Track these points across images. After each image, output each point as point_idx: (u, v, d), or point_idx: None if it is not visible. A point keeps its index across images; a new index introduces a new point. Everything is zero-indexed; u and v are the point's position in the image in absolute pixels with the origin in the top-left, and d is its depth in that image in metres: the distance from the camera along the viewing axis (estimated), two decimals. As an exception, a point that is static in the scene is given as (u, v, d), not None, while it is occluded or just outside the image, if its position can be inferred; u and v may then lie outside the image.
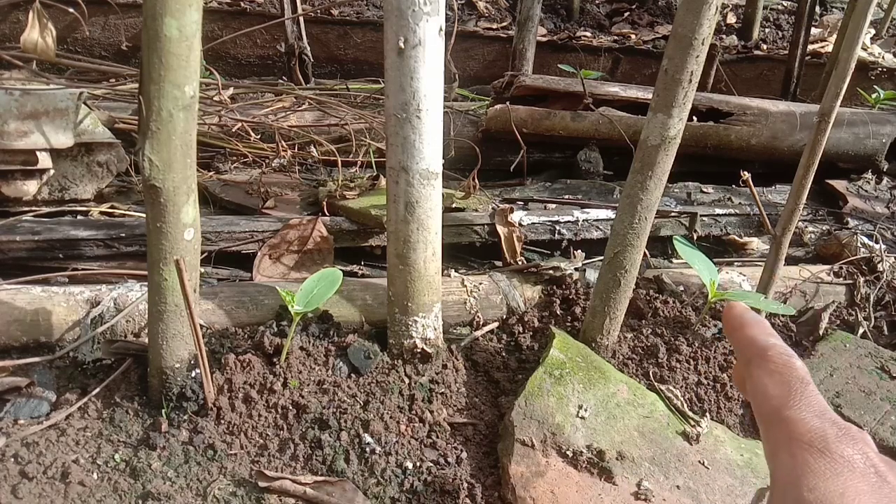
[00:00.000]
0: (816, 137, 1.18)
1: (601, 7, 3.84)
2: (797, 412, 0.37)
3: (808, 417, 0.36)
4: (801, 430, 0.36)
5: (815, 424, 0.36)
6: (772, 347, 0.42)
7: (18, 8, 2.55)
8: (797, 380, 0.39)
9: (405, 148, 1.00)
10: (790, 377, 0.39)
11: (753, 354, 0.42)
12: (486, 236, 1.58)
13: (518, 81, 2.02)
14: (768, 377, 0.40)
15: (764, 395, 0.40)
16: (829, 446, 0.34)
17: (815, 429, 0.36)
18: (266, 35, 2.88)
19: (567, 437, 1.03)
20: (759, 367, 0.41)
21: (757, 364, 0.42)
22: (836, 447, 0.34)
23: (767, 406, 0.39)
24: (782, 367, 0.40)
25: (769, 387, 0.40)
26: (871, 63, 3.13)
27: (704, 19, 0.95)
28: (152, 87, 0.82)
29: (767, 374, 0.40)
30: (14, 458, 0.93)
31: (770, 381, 0.40)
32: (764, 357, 0.41)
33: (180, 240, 0.92)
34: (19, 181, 1.44)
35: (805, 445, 0.35)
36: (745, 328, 0.45)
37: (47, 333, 1.10)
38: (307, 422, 1.03)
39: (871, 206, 1.99)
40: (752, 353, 0.42)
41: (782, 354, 0.41)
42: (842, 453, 0.34)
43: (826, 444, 0.35)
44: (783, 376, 0.40)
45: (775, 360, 0.41)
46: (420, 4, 0.92)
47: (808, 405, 0.37)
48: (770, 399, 0.39)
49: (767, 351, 0.41)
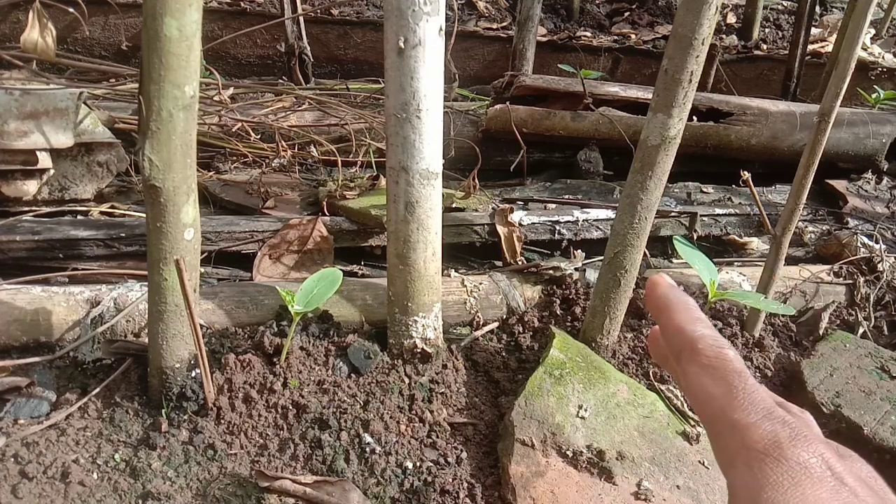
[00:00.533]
0: (816, 137, 1.18)
1: (601, 7, 3.84)
2: (745, 415, 0.35)
3: (757, 421, 0.35)
4: (754, 438, 0.34)
5: (766, 429, 0.34)
6: (701, 339, 0.39)
7: (18, 8, 2.55)
8: (734, 374, 0.37)
9: (405, 148, 1.00)
10: (726, 371, 0.37)
11: (683, 347, 0.40)
12: (486, 236, 1.58)
13: (518, 81, 2.02)
14: (704, 374, 0.38)
15: (704, 395, 0.38)
16: (784, 452, 0.33)
17: (767, 434, 0.34)
18: (266, 35, 2.88)
19: (567, 437, 1.03)
20: (692, 363, 0.39)
21: (688, 359, 0.39)
22: (790, 453, 0.33)
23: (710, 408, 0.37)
24: (715, 360, 0.38)
25: (708, 385, 0.37)
26: (871, 63, 3.13)
27: (704, 19, 0.95)
28: (152, 87, 0.82)
29: (702, 371, 0.38)
30: (14, 458, 0.93)
31: (707, 379, 0.38)
32: (694, 350, 0.39)
33: (180, 240, 0.92)
34: (19, 181, 1.44)
35: (760, 454, 0.34)
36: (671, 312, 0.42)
37: (47, 333, 1.10)
38: (307, 422, 1.03)
39: (871, 206, 1.99)
40: (682, 345, 0.40)
41: (713, 346, 0.39)
42: (797, 459, 0.33)
43: (780, 451, 0.33)
44: (719, 371, 0.37)
45: (707, 353, 0.38)
46: (420, 4, 0.92)
47: (754, 404, 0.36)
48: (712, 400, 0.37)
49: (697, 343, 0.39)
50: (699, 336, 0.40)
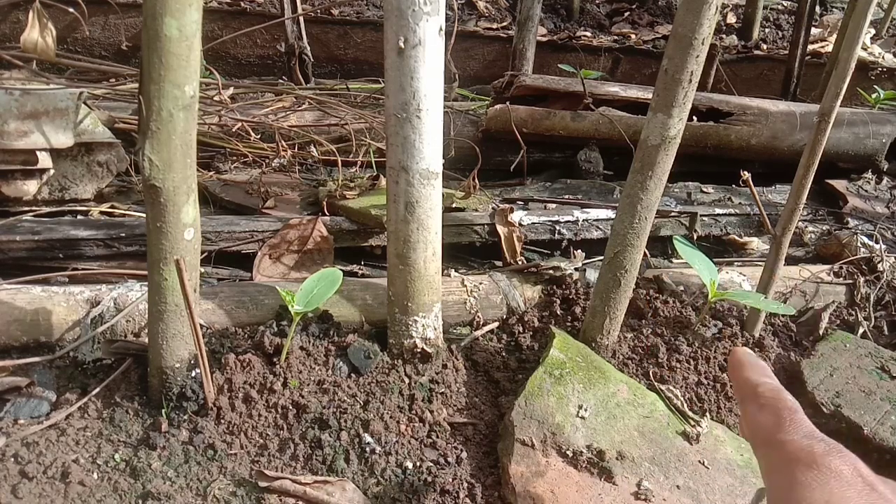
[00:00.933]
0: (816, 137, 1.18)
1: (601, 7, 3.84)
2: (788, 435, 0.40)
3: (797, 438, 0.39)
4: (792, 449, 0.39)
5: (803, 443, 0.39)
6: (762, 384, 0.45)
7: (18, 8, 2.55)
8: (787, 409, 0.42)
9: (405, 148, 1.01)
10: (780, 407, 0.42)
11: (747, 393, 0.46)
12: (486, 236, 1.58)
13: (518, 81, 2.02)
14: (759, 411, 0.43)
15: (757, 426, 0.42)
16: (817, 460, 0.37)
17: (803, 447, 0.38)
18: (266, 35, 2.88)
19: (567, 436, 1.03)
20: (751, 403, 0.44)
21: (749, 400, 0.45)
22: (823, 460, 0.37)
23: (761, 435, 0.42)
24: (772, 399, 0.43)
25: (761, 417, 0.43)
26: (871, 63, 3.13)
27: (704, 19, 0.95)
28: (152, 87, 0.82)
29: (759, 408, 0.43)
30: (14, 458, 0.93)
31: (761, 414, 0.43)
32: (755, 393, 0.45)
33: (180, 239, 0.92)
34: (19, 181, 1.44)
35: (794, 462, 0.38)
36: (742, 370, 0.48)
37: (47, 333, 1.10)
38: (307, 422, 1.03)
39: (871, 205, 1.99)
40: (746, 392, 0.46)
41: (772, 389, 0.44)
42: (829, 465, 0.36)
43: (813, 459, 0.37)
44: (773, 407, 0.42)
45: (766, 394, 0.44)
46: (420, 4, 0.92)
47: (798, 428, 0.40)
48: (763, 428, 0.42)
49: (758, 387, 0.45)
50: (762, 382, 0.46)
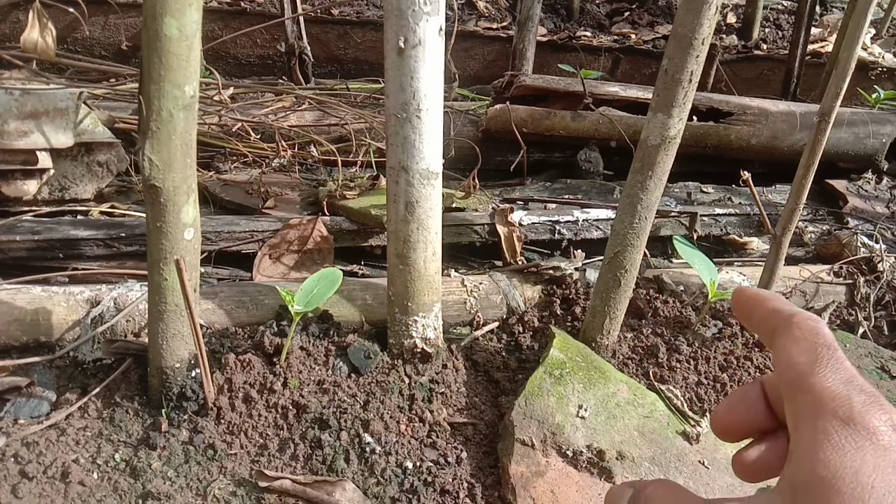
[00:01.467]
0: (816, 137, 1.18)
1: (601, 7, 3.84)
2: (822, 379, 0.34)
3: (833, 385, 0.33)
4: (825, 398, 0.33)
5: (840, 391, 0.33)
6: (797, 314, 0.38)
7: (18, 8, 2.55)
8: (824, 346, 0.36)
9: (405, 148, 1.00)
10: (816, 343, 0.36)
11: (778, 323, 0.39)
12: (486, 236, 1.58)
13: (518, 81, 2.02)
14: (794, 344, 0.37)
15: (788, 363, 0.36)
16: (854, 416, 0.31)
17: (840, 396, 0.32)
18: (266, 35, 2.88)
19: (567, 436, 1.03)
20: (784, 336, 0.38)
21: (782, 332, 0.38)
22: (860, 417, 0.31)
23: (791, 374, 0.36)
24: (808, 332, 0.37)
25: (794, 354, 0.36)
26: (871, 63, 3.13)
27: (704, 19, 0.95)
28: (152, 87, 0.82)
29: (793, 342, 0.37)
30: (14, 458, 0.93)
31: (795, 349, 0.36)
32: (789, 324, 0.38)
33: (180, 239, 0.92)
34: (19, 181, 1.44)
35: (828, 415, 0.32)
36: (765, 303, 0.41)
37: (47, 333, 1.10)
38: (307, 421, 1.03)
39: (871, 205, 1.99)
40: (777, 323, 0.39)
41: (808, 320, 0.38)
42: (866, 424, 0.31)
43: (850, 414, 0.31)
44: (809, 343, 0.36)
45: (801, 325, 0.37)
46: (420, 4, 0.92)
47: (835, 371, 0.34)
48: (794, 366, 0.36)
49: (792, 318, 0.38)
50: (795, 312, 0.39)
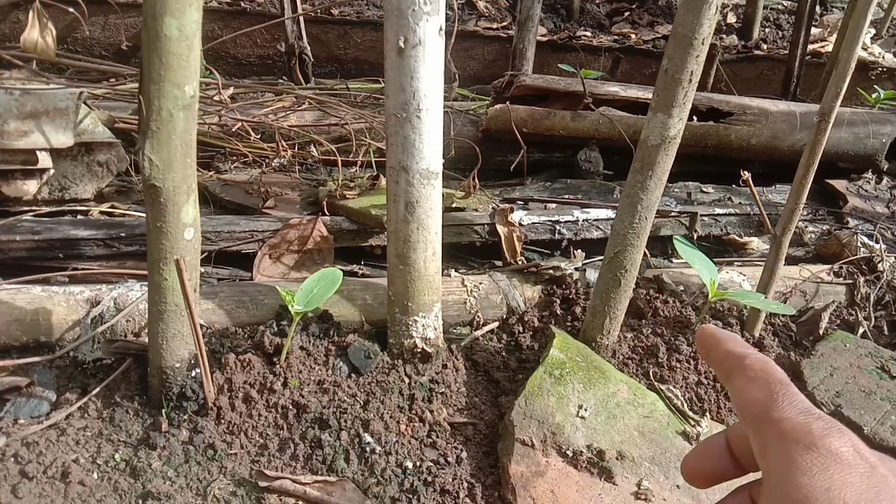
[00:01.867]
0: (816, 137, 1.18)
1: (601, 7, 3.84)
2: (782, 411, 0.37)
3: (792, 415, 0.37)
4: (787, 428, 0.36)
5: (799, 421, 0.36)
6: (748, 356, 0.43)
7: (18, 8, 2.55)
8: (777, 382, 0.40)
9: (405, 147, 1.00)
10: (770, 380, 0.40)
11: (732, 365, 0.43)
12: (486, 236, 1.58)
13: (518, 81, 2.02)
14: (749, 383, 0.41)
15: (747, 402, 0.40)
16: (816, 441, 0.35)
17: (800, 425, 0.36)
18: (266, 35, 2.88)
19: (567, 436, 1.03)
20: (739, 376, 0.42)
21: (737, 373, 0.42)
22: (822, 441, 0.34)
23: (752, 410, 0.40)
24: (761, 371, 0.41)
25: (751, 392, 0.40)
26: (871, 63, 3.13)
27: (704, 19, 0.95)
28: (152, 87, 0.82)
29: (748, 381, 0.41)
30: (14, 458, 0.93)
31: (751, 387, 0.40)
32: (742, 366, 0.42)
33: (180, 239, 0.92)
34: (19, 181, 1.44)
35: (791, 443, 0.35)
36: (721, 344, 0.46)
37: (47, 333, 1.10)
38: (307, 421, 1.03)
39: (871, 205, 1.99)
40: (731, 365, 0.43)
41: (759, 360, 0.42)
42: (828, 447, 0.34)
43: (812, 440, 0.35)
44: (763, 380, 0.40)
45: (753, 366, 0.41)
46: (420, 4, 0.92)
47: (791, 404, 0.38)
48: (754, 404, 0.40)
49: (745, 359, 0.42)
50: (747, 354, 0.43)
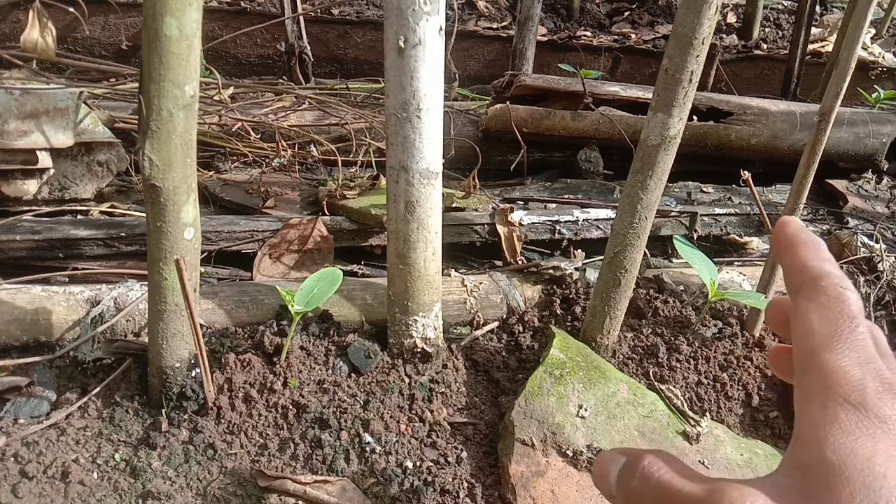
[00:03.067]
0: (816, 137, 1.18)
1: (601, 6, 3.84)
2: (837, 357, 0.32)
3: (848, 365, 0.32)
4: (838, 380, 0.31)
5: (854, 374, 0.31)
6: (826, 276, 0.36)
7: (18, 7, 2.55)
8: (846, 317, 0.34)
9: (405, 147, 1.00)
10: (839, 313, 0.34)
11: (805, 281, 0.36)
12: (487, 236, 1.58)
13: (518, 81, 2.02)
14: (815, 311, 0.34)
15: (805, 332, 0.34)
16: (867, 402, 0.30)
17: (853, 380, 0.31)
18: (266, 34, 2.88)
19: (567, 436, 1.03)
20: (808, 298, 0.35)
21: (805, 294, 0.36)
22: (873, 403, 0.30)
23: (807, 346, 0.34)
24: (833, 300, 0.34)
25: (814, 322, 0.34)
26: (871, 62, 3.13)
27: (705, 19, 0.95)
28: (152, 87, 0.82)
29: (815, 308, 0.35)
30: (14, 458, 0.93)
31: (816, 316, 0.34)
32: (815, 287, 0.36)
33: (180, 239, 0.92)
34: (19, 180, 1.44)
35: (839, 398, 0.31)
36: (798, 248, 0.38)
37: (47, 333, 1.10)
38: (307, 421, 1.03)
39: (871, 205, 1.99)
40: (804, 280, 0.37)
41: (837, 285, 0.35)
42: (879, 411, 0.30)
43: (863, 400, 0.30)
44: (832, 311, 0.34)
45: (828, 291, 0.35)
46: (420, 4, 0.92)
47: (853, 349, 0.32)
48: (812, 336, 0.34)
49: (821, 280, 0.36)
50: (826, 273, 0.36)
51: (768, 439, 1.20)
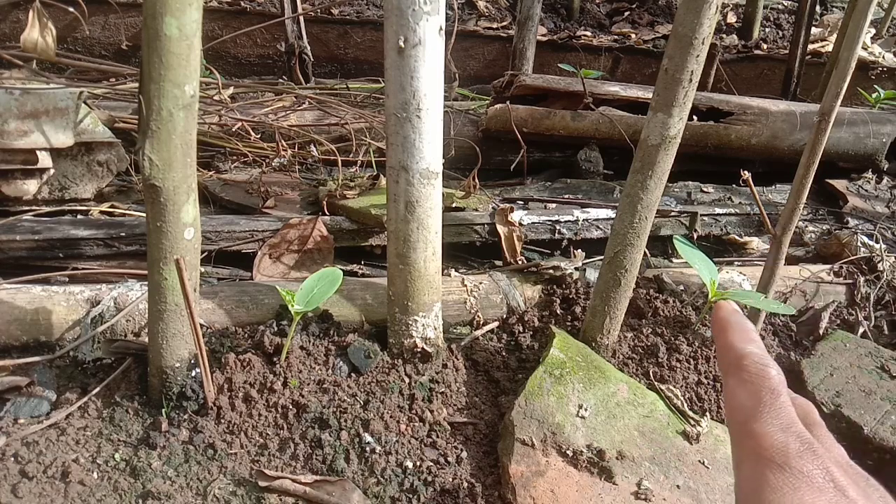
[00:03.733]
0: (817, 137, 1.18)
1: (601, 6, 3.84)
2: (763, 425, 0.37)
3: (772, 431, 0.37)
4: (765, 444, 0.36)
5: (778, 439, 0.36)
6: (748, 356, 0.41)
7: (18, 7, 2.55)
8: (768, 391, 0.39)
9: (405, 147, 1.00)
10: (761, 387, 0.39)
11: (730, 362, 0.42)
12: (487, 236, 1.58)
13: (518, 81, 2.02)
14: (740, 387, 0.40)
15: (735, 407, 0.40)
16: (790, 461, 0.35)
17: (777, 443, 0.36)
18: (266, 34, 2.88)
19: (567, 436, 1.03)
20: (733, 376, 0.41)
21: (731, 372, 0.41)
22: (795, 462, 0.35)
23: (737, 416, 0.39)
24: (755, 376, 0.40)
25: (741, 397, 0.39)
26: (871, 62, 3.13)
27: (705, 19, 0.95)
28: (152, 87, 0.82)
29: (740, 384, 0.40)
30: (14, 458, 0.93)
31: (742, 391, 0.40)
32: (739, 366, 0.41)
33: (180, 239, 0.92)
34: (19, 180, 1.44)
35: (766, 460, 0.35)
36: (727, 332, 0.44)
37: (47, 333, 1.10)
38: (307, 421, 1.03)
39: (871, 205, 1.99)
40: (729, 361, 0.42)
41: (757, 363, 0.40)
42: (801, 468, 0.34)
43: (786, 459, 0.35)
44: (755, 386, 0.39)
45: (750, 369, 0.40)
46: (420, 4, 0.92)
47: (776, 417, 0.37)
48: (741, 410, 0.39)
49: (743, 360, 0.41)
50: (747, 353, 0.42)
51: (768, 439, 1.20)
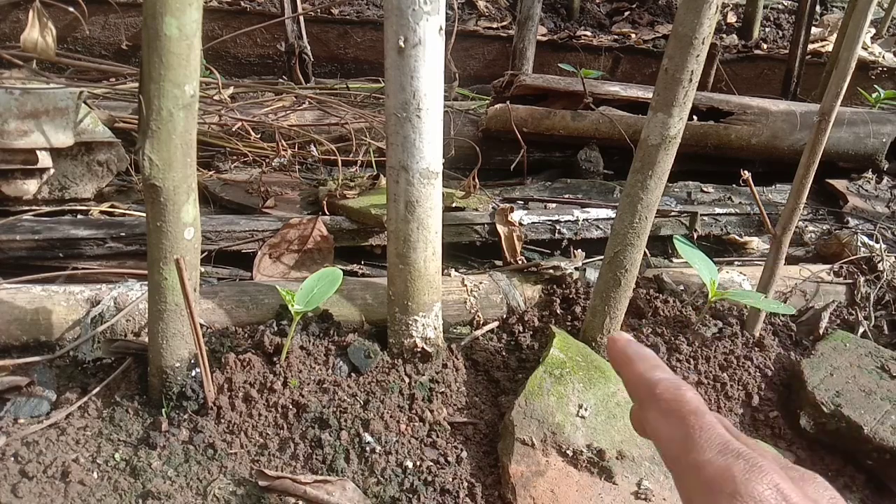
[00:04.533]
0: (817, 137, 1.18)
1: (601, 6, 3.84)
2: (701, 454, 0.36)
3: (711, 458, 0.35)
4: (709, 476, 0.35)
5: (720, 465, 0.35)
6: (659, 383, 0.40)
7: (18, 7, 2.55)
8: (691, 414, 0.38)
9: (405, 147, 1.00)
10: (683, 413, 0.38)
11: (642, 395, 0.41)
12: (487, 236, 1.58)
13: (518, 80, 2.02)
14: (663, 418, 0.39)
15: (664, 441, 0.38)
16: (738, 489, 0.34)
17: (720, 471, 0.35)
18: (266, 34, 2.88)
19: (567, 436, 1.03)
20: (651, 409, 0.40)
21: (648, 405, 0.40)
22: (744, 488, 0.34)
23: (671, 451, 0.38)
24: (674, 402, 0.39)
25: (667, 429, 0.38)
26: (871, 62, 3.13)
27: (705, 18, 0.95)
28: (152, 86, 0.82)
29: (662, 415, 0.39)
30: (14, 458, 0.93)
31: (665, 423, 0.38)
32: (653, 396, 0.40)
33: (180, 239, 0.92)
34: (19, 180, 1.44)
35: (715, 493, 0.34)
36: (630, 365, 0.43)
37: (47, 332, 1.10)
38: (307, 421, 1.03)
39: (871, 205, 1.99)
40: (641, 394, 0.41)
41: (670, 388, 0.39)
42: (751, 493, 0.33)
43: (735, 487, 0.34)
44: (676, 413, 0.38)
45: (665, 396, 0.39)
46: (420, 3, 0.92)
47: (709, 442, 0.36)
48: (671, 443, 0.38)
49: (655, 388, 0.40)
50: (657, 380, 0.40)
51: (768, 439, 1.20)
